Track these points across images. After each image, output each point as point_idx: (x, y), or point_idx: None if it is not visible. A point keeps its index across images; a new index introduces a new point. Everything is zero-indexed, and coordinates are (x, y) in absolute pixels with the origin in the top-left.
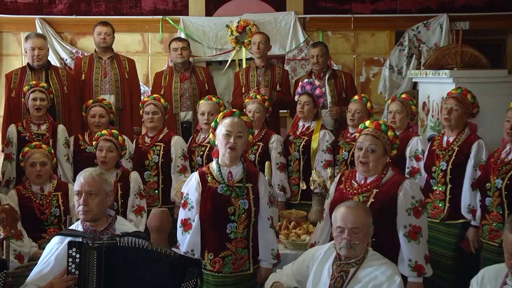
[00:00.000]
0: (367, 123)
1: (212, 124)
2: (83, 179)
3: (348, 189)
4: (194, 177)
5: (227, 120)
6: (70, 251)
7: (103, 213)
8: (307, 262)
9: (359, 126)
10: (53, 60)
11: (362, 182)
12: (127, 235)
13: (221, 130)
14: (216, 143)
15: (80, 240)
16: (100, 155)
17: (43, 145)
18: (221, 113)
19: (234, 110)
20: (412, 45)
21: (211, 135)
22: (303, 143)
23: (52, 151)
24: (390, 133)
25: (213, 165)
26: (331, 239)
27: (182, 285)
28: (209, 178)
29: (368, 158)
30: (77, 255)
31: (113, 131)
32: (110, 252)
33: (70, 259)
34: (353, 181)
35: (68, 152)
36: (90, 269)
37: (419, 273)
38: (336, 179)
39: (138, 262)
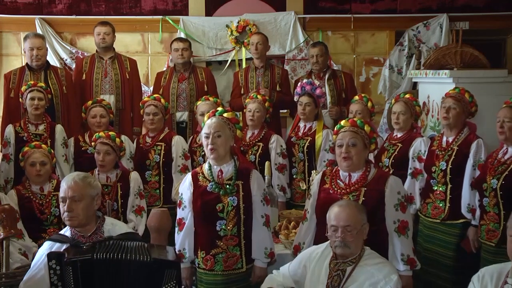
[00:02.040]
0: (343, 122)
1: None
2: (65, 185)
3: (335, 189)
4: (188, 177)
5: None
6: (50, 263)
7: (90, 217)
8: (304, 262)
9: (335, 127)
10: (53, 60)
11: (347, 180)
12: (111, 239)
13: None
14: None
15: (60, 251)
16: (98, 158)
17: (42, 145)
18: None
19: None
20: (412, 45)
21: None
22: (307, 143)
23: (52, 151)
24: (366, 127)
25: (206, 164)
26: (316, 239)
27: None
28: (200, 177)
29: (351, 152)
30: (57, 267)
31: (111, 133)
32: (85, 266)
33: (51, 271)
34: (338, 181)
35: (66, 152)
36: (68, 282)
37: (411, 267)
38: (318, 178)
39: (117, 272)
